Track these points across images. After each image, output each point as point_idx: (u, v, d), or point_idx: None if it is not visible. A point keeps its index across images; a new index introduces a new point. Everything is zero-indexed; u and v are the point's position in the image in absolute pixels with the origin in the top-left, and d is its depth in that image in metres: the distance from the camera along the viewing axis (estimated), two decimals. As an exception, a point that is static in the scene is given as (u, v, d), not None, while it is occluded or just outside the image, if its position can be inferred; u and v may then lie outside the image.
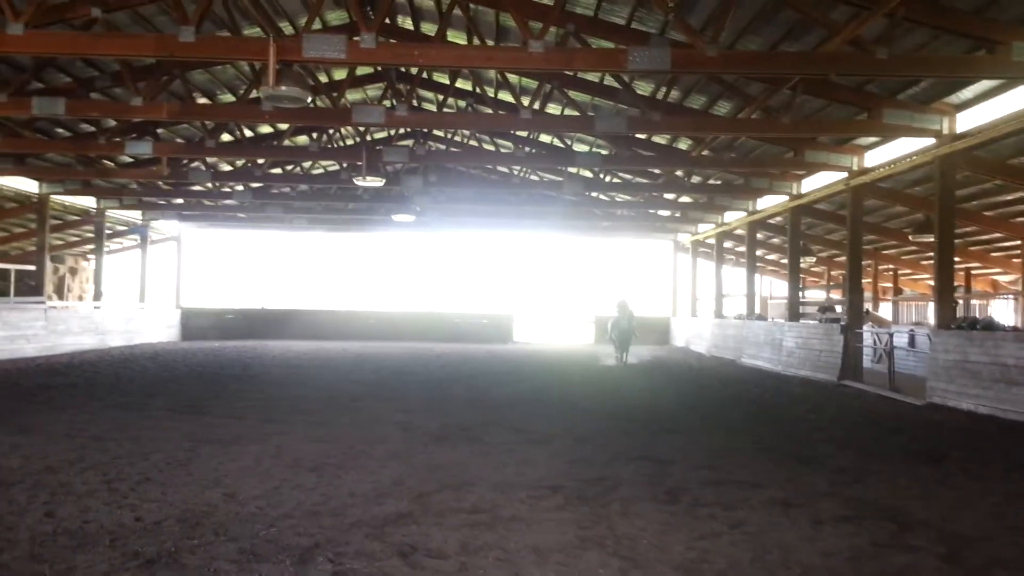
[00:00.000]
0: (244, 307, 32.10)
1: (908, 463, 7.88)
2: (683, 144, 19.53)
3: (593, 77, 16.11)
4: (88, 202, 25.96)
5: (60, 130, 18.72)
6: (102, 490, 6.07)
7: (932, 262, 14.97)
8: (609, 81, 15.96)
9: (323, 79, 17.62)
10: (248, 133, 21.11)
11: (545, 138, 22.13)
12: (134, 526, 5.14)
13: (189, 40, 10.04)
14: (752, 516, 5.69)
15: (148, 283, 29.37)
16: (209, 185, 24.64)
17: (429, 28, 16.03)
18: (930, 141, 13.86)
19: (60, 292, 27.86)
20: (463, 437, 8.83)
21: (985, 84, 12.32)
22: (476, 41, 13.55)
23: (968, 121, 13.32)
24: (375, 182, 19.07)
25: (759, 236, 25.77)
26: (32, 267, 23.72)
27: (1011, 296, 25.52)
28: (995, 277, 26.88)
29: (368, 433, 8.97)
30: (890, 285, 29.63)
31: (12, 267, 24.66)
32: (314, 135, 20.45)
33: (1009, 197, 17.42)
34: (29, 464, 6.98)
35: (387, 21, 14.88)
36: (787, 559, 4.75)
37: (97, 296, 26.21)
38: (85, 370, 16.18)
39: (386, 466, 7.17)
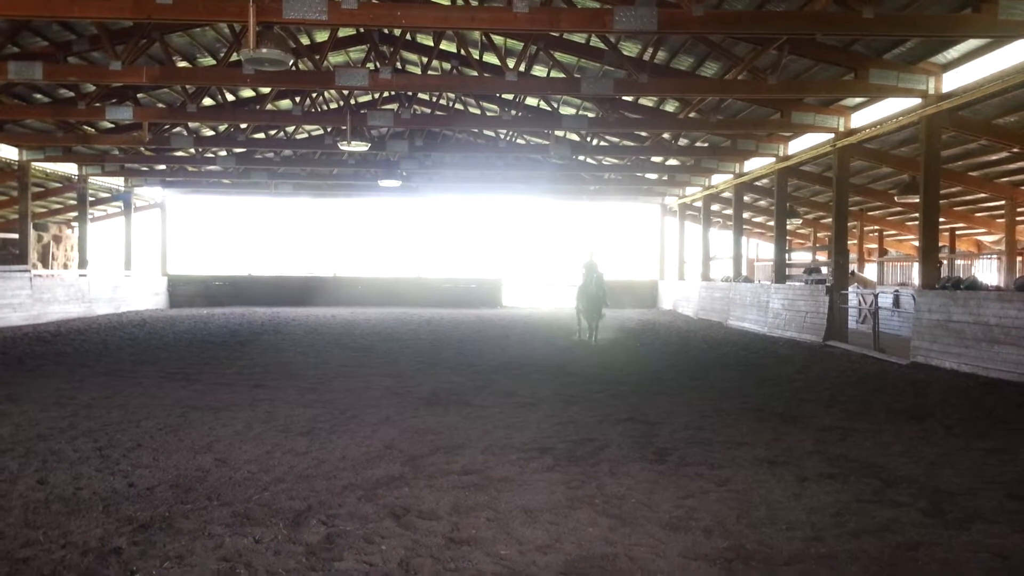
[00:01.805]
0: (231, 274, 31.96)
1: (892, 421, 8.02)
2: (670, 106, 19.45)
3: (579, 38, 15.94)
4: (70, 169, 25.63)
5: (39, 96, 18.40)
6: (94, 457, 6.10)
7: (917, 223, 15.05)
8: (595, 42, 15.80)
9: (305, 41, 17.36)
10: (230, 97, 20.85)
11: (531, 101, 21.95)
12: (127, 492, 5.18)
13: (167, 2, 9.84)
14: (738, 474, 5.79)
15: (133, 251, 29.16)
16: (192, 151, 24.37)
17: (412, -12, 15.76)
18: (916, 101, 13.86)
19: (45, 260, 27.62)
20: (453, 401, 8.90)
21: (971, 43, 12.30)
22: (460, 1, 13.35)
23: (954, 81, 13.35)
24: (360, 147, 18.90)
25: (746, 198, 25.82)
26: (15, 235, 23.47)
27: (995, 256, 25.74)
28: (979, 237, 27.07)
29: (359, 398, 9.02)
30: (875, 246, 29.82)
31: (-6, 235, 24.40)
32: (297, 99, 20.18)
33: (994, 157, 17.48)
34: (20, 432, 6.98)
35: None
36: (773, 516, 4.84)
37: (82, 264, 26.00)
38: (73, 338, 16.12)
39: (378, 430, 7.22)
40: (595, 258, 16.64)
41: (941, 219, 16.47)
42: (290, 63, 11.07)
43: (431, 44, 17.78)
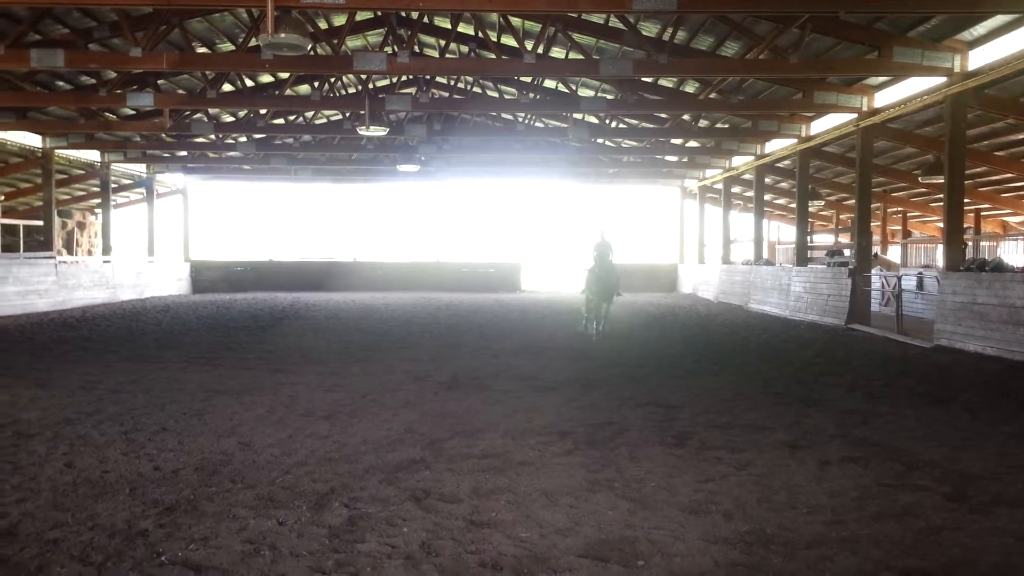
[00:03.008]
0: (253, 259, 32.20)
1: (915, 405, 7.95)
2: (690, 87, 19.26)
3: (597, 19, 15.82)
4: (92, 155, 25.89)
5: (61, 83, 18.56)
6: (120, 441, 6.19)
7: (941, 204, 14.84)
8: (614, 23, 15.66)
9: (323, 25, 17.34)
10: (249, 83, 20.91)
11: (550, 83, 21.84)
12: (153, 475, 5.25)
13: (186, -12, 9.87)
14: (759, 458, 5.77)
15: (156, 237, 29.46)
16: (212, 137, 24.49)
17: (430, -29, 15.67)
18: (941, 80, 13.63)
19: (69, 247, 27.98)
20: (473, 385, 8.93)
21: (999, 19, 12.05)
22: (478, -16, 13.27)
23: (980, 58, 13.10)
24: (378, 131, 18.90)
25: (767, 180, 25.56)
26: (40, 222, 23.77)
27: (1021, 237, 25.36)
28: (1005, 218, 26.68)
29: (379, 382, 9.07)
30: (899, 228, 29.47)
31: (20, 222, 24.72)
32: (316, 84, 20.20)
33: (1021, 136, 17.18)
34: (47, 416, 7.10)
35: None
36: (794, 499, 4.83)
37: (106, 250, 26.30)
38: (98, 324, 16.34)
39: (398, 414, 7.27)
40: (607, 238, 14.89)
41: (966, 200, 16.26)
42: (308, 48, 11.08)
43: (449, 27, 17.72)
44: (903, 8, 10.81)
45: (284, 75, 19.46)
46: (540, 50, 15.55)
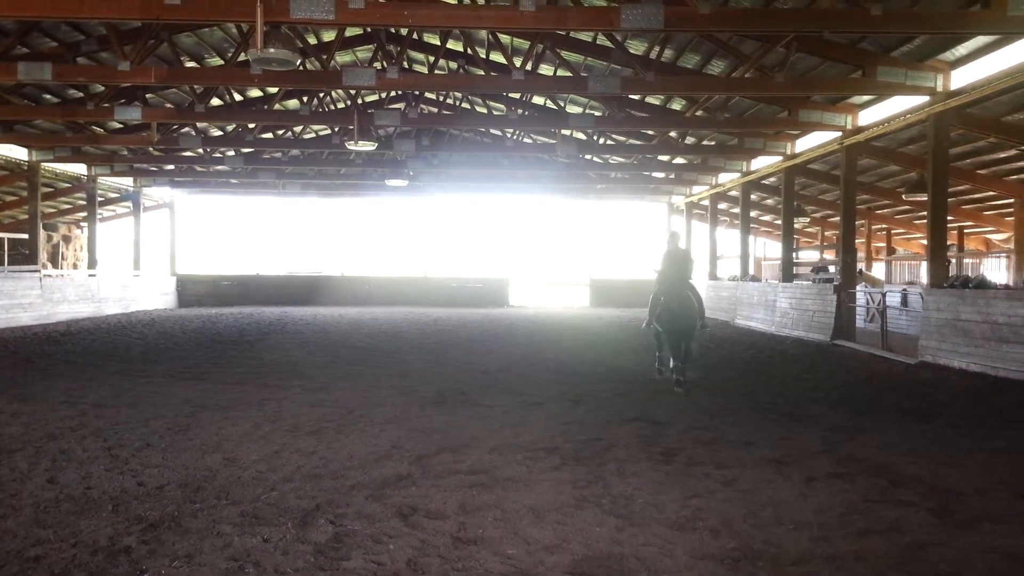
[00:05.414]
0: (239, 274, 32.07)
1: (900, 421, 7.99)
2: (677, 104, 19.40)
3: (586, 36, 15.93)
4: (79, 169, 25.76)
5: (48, 96, 18.49)
6: (103, 456, 6.13)
7: (925, 221, 14.99)
8: (602, 41, 15.78)
9: (312, 41, 17.38)
10: (238, 97, 20.90)
11: (538, 100, 21.94)
12: (136, 491, 5.20)
13: (175, 2, 9.87)
14: (745, 474, 5.79)
15: (142, 250, 29.30)
16: (200, 151, 24.45)
17: (419, -12, 15.76)
18: (924, 99, 13.80)
19: (54, 260, 27.77)
20: (460, 401, 8.91)
21: (980, 40, 12.24)
22: (466, 0, 13.35)
23: (962, 78, 13.28)
24: (367, 146, 18.92)
25: (753, 197, 25.75)
26: (25, 235, 23.59)
27: (1003, 254, 25.60)
28: (988, 236, 26.94)
29: (366, 397, 9.04)
30: (883, 245, 29.70)
31: (5, 236, 24.50)
32: (304, 99, 20.23)
33: (1002, 155, 17.39)
34: (30, 431, 7.03)
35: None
36: (780, 515, 4.84)
37: (92, 264, 26.12)
38: (83, 338, 16.20)
39: (385, 430, 7.24)
40: (682, 246, 11.06)
41: (949, 217, 16.41)
42: (297, 63, 11.10)
43: (438, 43, 17.78)
44: (886, 28, 10.93)
45: (273, 90, 19.46)
46: (528, 67, 15.63)
